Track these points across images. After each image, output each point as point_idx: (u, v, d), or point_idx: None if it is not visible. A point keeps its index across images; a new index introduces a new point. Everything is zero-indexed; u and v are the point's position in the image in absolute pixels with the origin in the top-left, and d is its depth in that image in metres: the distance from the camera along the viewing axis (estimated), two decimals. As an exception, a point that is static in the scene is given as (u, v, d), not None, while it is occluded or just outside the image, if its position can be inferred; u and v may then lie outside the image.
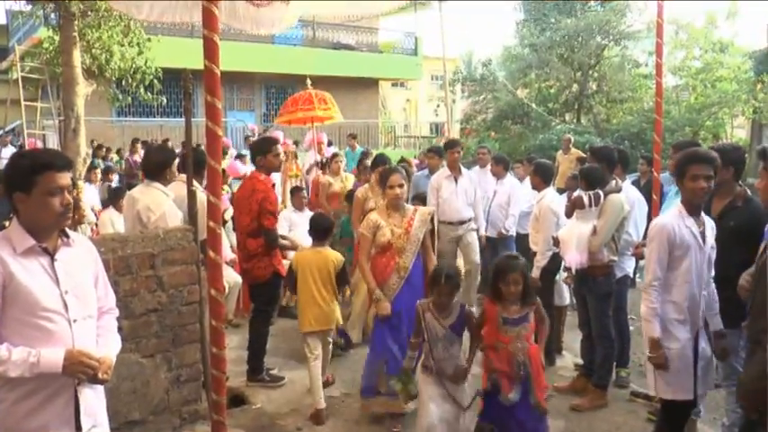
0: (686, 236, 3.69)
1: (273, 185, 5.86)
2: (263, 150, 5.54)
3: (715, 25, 26.26)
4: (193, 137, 4.77)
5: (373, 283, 4.77)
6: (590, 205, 5.28)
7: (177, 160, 5.03)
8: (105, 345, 2.61)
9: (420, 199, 7.08)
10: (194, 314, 4.46)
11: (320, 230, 5.17)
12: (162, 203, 4.73)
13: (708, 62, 25.30)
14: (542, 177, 6.56)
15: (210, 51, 3.29)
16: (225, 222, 7.26)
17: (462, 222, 7.38)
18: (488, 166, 8.40)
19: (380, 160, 7.22)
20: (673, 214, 3.78)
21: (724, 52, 25.52)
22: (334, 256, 5.09)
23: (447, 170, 7.55)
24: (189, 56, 8.48)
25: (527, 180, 7.84)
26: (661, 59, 6.17)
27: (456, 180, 7.44)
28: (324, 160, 10.76)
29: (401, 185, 4.84)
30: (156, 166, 4.88)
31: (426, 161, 8.96)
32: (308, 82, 10.72)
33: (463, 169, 7.65)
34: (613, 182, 5.48)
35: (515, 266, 3.89)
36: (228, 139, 18.12)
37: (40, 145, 14.26)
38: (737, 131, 26.08)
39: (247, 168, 12.40)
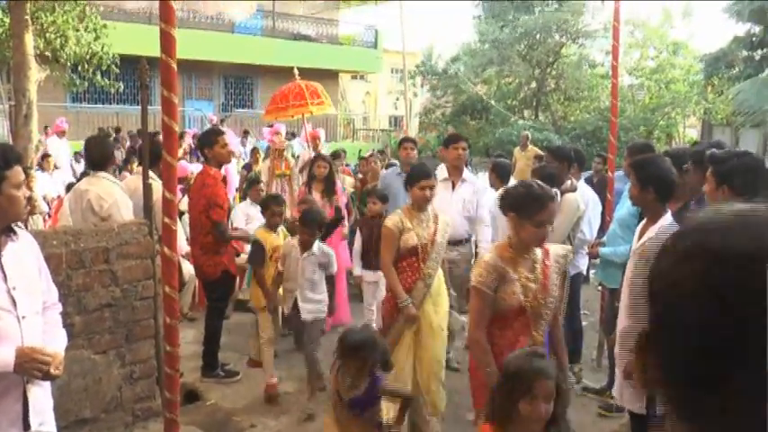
0: None
1: (224, 178, 5.83)
2: (209, 142, 5.50)
3: (671, 24, 26.77)
4: (150, 126, 4.70)
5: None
6: None
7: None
8: (53, 340, 2.55)
9: (379, 196, 6.44)
10: (149, 309, 4.40)
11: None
12: (113, 191, 4.67)
13: (661, 63, 25.83)
14: (500, 176, 6.66)
15: (167, 45, 3.22)
16: (182, 214, 7.18)
17: (457, 243, 5.79)
18: None
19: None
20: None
21: (677, 54, 26.08)
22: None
23: (444, 172, 6.00)
24: (146, 43, 8.34)
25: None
26: (617, 62, 6.29)
27: (453, 186, 6.00)
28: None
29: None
30: (99, 158, 4.83)
31: (403, 154, 7.22)
32: (296, 72, 10.06)
33: (467, 173, 6.18)
34: (569, 181, 5.57)
35: (547, 371, 2.55)
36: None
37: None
38: (689, 131, 26.66)
39: (195, 167, 12.27)
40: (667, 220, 3.55)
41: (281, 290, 5.21)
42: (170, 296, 3.27)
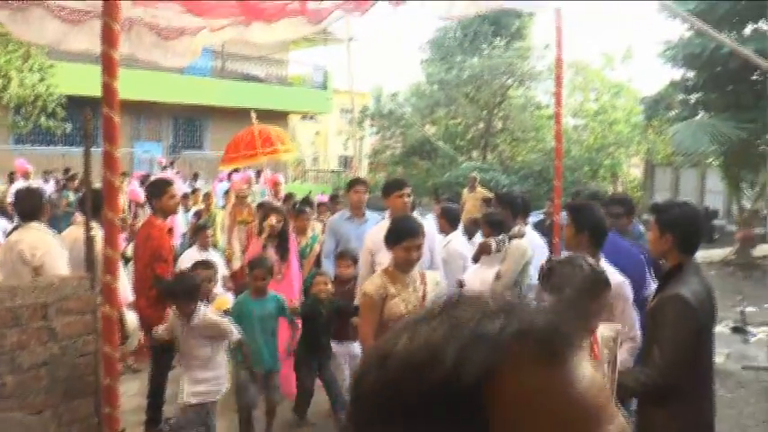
0: None
1: (170, 230, 5.72)
2: (157, 193, 5.41)
3: (612, 67, 27.60)
4: (95, 171, 4.61)
5: None
6: (497, 250, 5.42)
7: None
8: None
9: (351, 257, 5.87)
10: (90, 366, 4.25)
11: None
12: (46, 240, 4.61)
13: (604, 105, 26.59)
14: (449, 221, 6.69)
15: (110, 97, 3.13)
16: (127, 261, 7.03)
17: None
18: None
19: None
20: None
21: (618, 96, 26.88)
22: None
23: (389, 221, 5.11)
24: (94, 82, 8.22)
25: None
26: (560, 108, 6.44)
27: None
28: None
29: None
30: (29, 208, 4.77)
31: (354, 197, 6.48)
32: (253, 116, 9.53)
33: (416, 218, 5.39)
34: (517, 227, 5.64)
35: None
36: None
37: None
38: (633, 170, 27.36)
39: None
40: (605, 264, 3.61)
41: None
42: (110, 356, 3.16)
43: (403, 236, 3.84)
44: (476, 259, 5.66)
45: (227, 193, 11.42)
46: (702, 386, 3.24)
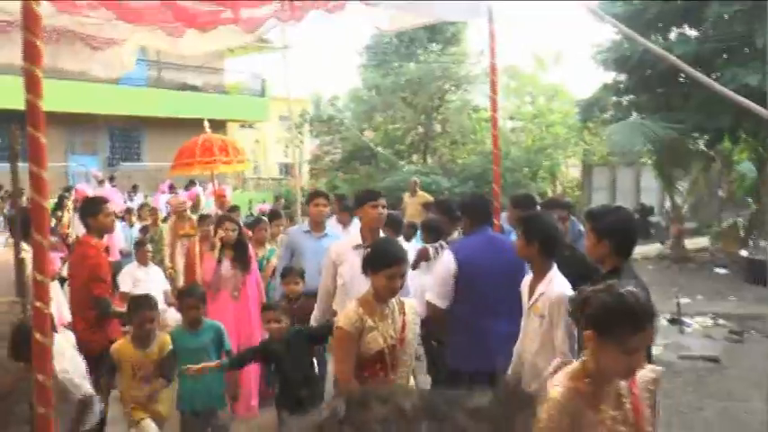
0: None
1: (107, 249, 5.57)
2: (93, 211, 5.25)
3: (544, 70, 28.12)
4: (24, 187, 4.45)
5: None
6: (435, 256, 5.44)
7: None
8: None
9: (298, 273, 5.66)
10: (24, 394, 4.09)
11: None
12: None
13: (540, 108, 27.06)
14: (393, 228, 6.72)
15: (34, 117, 2.96)
16: (63, 281, 6.83)
17: None
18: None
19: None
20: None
21: (553, 98, 27.42)
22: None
23: (358, 237, 4.92)
24: (19, 95, 7.95)
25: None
26: (495, 113, 6.51)
27: None
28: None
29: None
30: None
31: (314, 211, 6.29)
32: (206, 125, 9.36)
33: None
34: (456, 233, 5.68)
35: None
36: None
37: None
38: (571, 170, 27.91)
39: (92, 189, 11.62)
40: (555, 274, 3.75)
41: None
42: (43, 384, 3.05)
43: (387, 262, 3.42)
44: (414, 266, 5.62)
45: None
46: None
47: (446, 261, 4.62)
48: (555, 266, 3.80)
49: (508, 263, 4.35)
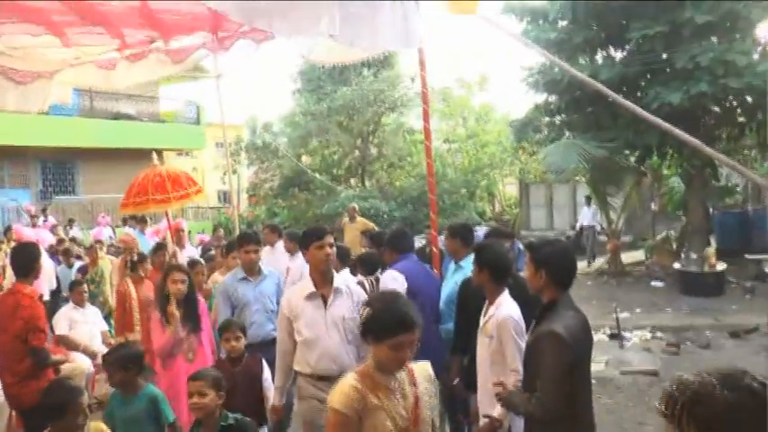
0: None
1: (41, 296, 5.36)
2: (30, 259, 5.05)
3: (472, 93, 28.65)
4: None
5: None
6: (371, 290, 5.52)
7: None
8: None
9: (238, 327, 4.89)
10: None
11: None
12: None
13: (473, 129, 27.47)
14: (339, 259, 6.76)
15: None
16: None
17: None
18: (279, 244, 8.37)
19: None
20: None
21: (486, 120, 27.91)
22: None
23: (308, 283, 4.42)
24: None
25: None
26: (428, 124, 6.60)
27: (325, 301, 4.34)
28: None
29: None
30: None
31: (245, 258, 5.89)
32: (155, 157, 8.91)
33: (341, 279, 4.59)
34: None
35: None
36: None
37: None
38: (509, 188, 28.36)
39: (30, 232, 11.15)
40: (505, 297, 4.07)
41: None
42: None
43: (396, 329, 2.70)
44: None
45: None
46: (582, 413, 3.40)
47: (399, 281, 5.15)
48: (506, 291, 4.12)
49: (433, 281, 5.69)
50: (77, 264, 10.80)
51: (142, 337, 6.62)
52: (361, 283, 5.51)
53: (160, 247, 8.48)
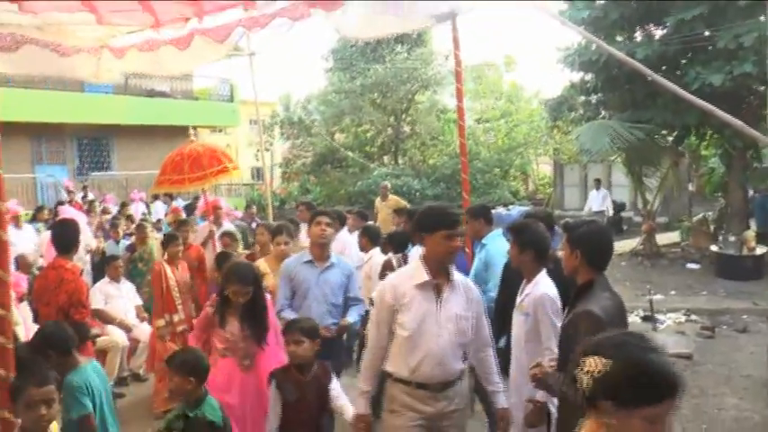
0: None
1: (82, 272, 5.46)
2: (71, 236, 5.16)
3: (508, 70, 28.35)
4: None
5: None
6: (399, 267, 5.54)
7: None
8: None
9: (302, 329, 4.10)
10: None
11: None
12: None
13: (507, 108, 27.20)
14: (370, 239, 6.86)
15: None
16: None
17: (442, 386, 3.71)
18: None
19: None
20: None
21: (519, 98, 27.61)
22: None
23: (420, 270, 3.71)
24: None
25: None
26: (462, 103, 6.55)
27: (439, 293, 3.71)
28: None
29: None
30: None
31: (317, 230, 5.19)
32: (191, 132, 8.94)
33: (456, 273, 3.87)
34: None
35: None
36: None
37: None
38: (544, 167, 28.11)
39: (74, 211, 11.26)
40: (543, 276, 4.07)
41: None
42: (8, 421, 2.96)
43: (654, 395, 1.92)
44: (381, 277, 5.69)
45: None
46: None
47: None
48: (544, 271, 4.11)
49: (463, 261, 5.49)
50: (124, 242, 10.64)
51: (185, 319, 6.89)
52: (389, 261, 5.52)
53: (183, 224, 8.64)
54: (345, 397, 4.15)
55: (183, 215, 11.48)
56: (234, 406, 4.26)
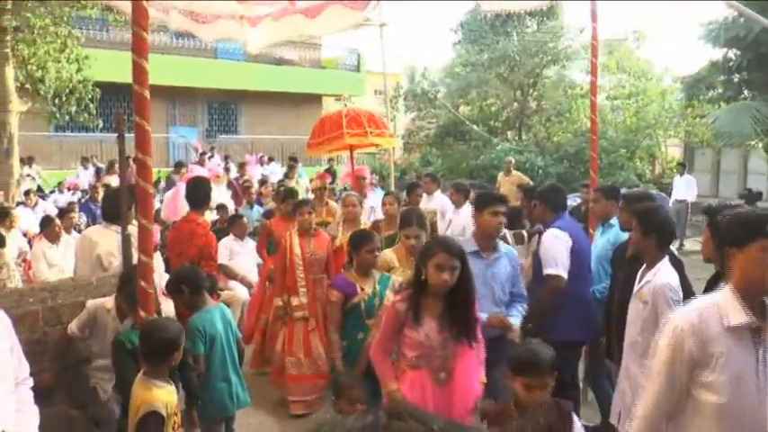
0: None
1: (210, 226, 5.75)
2: (204, 192, 5.46)
3: (641, 45, 27.07)
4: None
5: None
6: (515, 244, 5.51)
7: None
8: (26, 421, 2.47)
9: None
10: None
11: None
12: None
13: (637, 87, 26.01)
14: (461, 192, 6.92)
15: (139, 76, 3.34)
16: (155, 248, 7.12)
17: None
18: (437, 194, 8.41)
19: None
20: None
21: (650, 77, 26.32)
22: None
23: (732, 303, 2.55)
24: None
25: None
26: (596, 78, 6.37)
27: (759, 335, 2.57)
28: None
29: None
30: (114, 209, 4.65)
31: (490, 219, 4.48)
32: (346, 96, 8.81)
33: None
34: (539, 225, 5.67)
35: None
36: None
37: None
38: (672, 150, 26.83)
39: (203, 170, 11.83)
40: (664, 264, 3.90)
41: None
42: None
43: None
44: None
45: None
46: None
47: (564, 240, 4.84)
48: (666, 258, 3.93)
49: (588, 244, 5.31)
50: (256, 208, 10.88)
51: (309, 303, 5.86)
52: (504, 237, 5.43)
53: (290, 194, 7.51)
54: None
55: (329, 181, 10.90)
56: None
